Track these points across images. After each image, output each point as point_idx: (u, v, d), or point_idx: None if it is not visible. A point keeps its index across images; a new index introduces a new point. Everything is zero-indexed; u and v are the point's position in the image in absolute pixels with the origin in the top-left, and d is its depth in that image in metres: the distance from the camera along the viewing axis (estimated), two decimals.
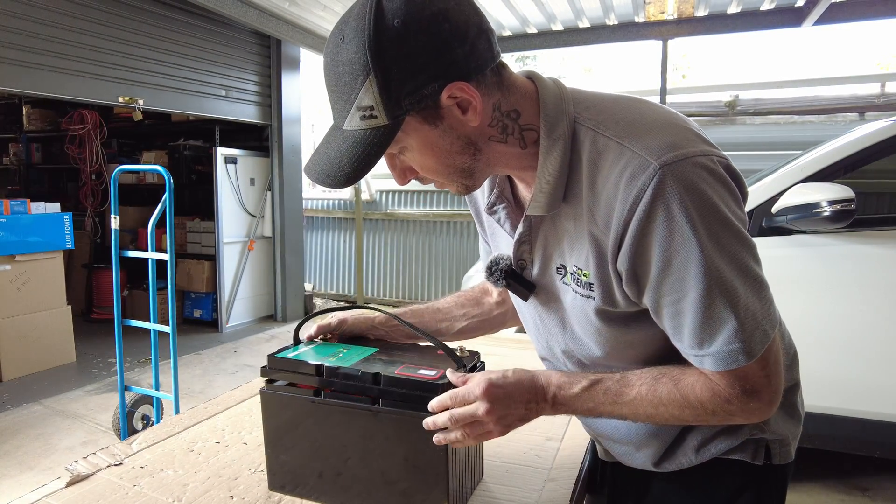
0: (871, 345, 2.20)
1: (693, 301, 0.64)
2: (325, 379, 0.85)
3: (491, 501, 0.90)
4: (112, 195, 2.71)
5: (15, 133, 6.25)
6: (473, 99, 0.65)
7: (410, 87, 0.63)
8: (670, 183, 0.62)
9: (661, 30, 4.80)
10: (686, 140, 0.65)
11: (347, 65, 0.63)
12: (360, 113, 0.65)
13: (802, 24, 4.42)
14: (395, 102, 0.64)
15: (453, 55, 0.63)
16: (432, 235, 6.23)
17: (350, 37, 0.63)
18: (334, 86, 0.66)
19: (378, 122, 0.65)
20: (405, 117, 0.65)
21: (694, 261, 0.62)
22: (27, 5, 3.49)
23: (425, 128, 0.67)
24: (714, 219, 0.63)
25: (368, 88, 0.63)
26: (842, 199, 2.06)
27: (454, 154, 0.69)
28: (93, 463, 0.97)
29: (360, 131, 0.66)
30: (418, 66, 0.63)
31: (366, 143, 0.66)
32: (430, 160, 0.70)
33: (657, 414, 0.71)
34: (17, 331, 3.90)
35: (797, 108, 4.98)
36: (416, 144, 0.68)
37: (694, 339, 0.66)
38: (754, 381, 0.67)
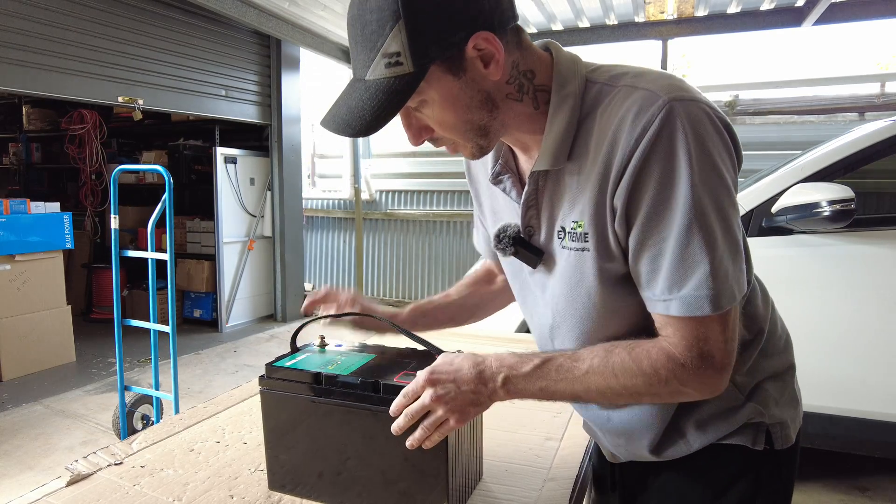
0: (871, 345, 2.20)
1: (674, 239, 0.65)
2: (323, 388, 0.85)
3: (491, 501, 0.90)
4: (112, 195, 2.71)
5: (15, 133, 6.24)
6: (497, 51, 0.67)
7: (439, 35, 0.64)
8: (679, 117, 0.64)
9: (661, 30, 4.81)
10: (693, 90, 0.67)
11: (376, 11, 0.64)
12: (386, 60, 0.65)
13: (802, 24, 4.42)
14: (422, 49, 0.64)
15: (480, 5, 0.65)
16: (432, 235, 6.23)
17: None
18: (360, 35, 0.67)
19: (403, 69, 0.65)
20: (430, 66, 0.66)
21: (683, 197, 0.64)
22: (27, 5, 3.49)
23: (448, 78, 0.67)
24: (709, 164, 0.65)
25: (397, 34, 0.64)
26: (842, 199, 2.06)
27: (473, 109, 0.70)
28: (93, 462, 0.97)
29: (384, 80, 0.66)
30: (448, 14, 0.64)
31: (389, 91, 0.66)
32: (449, 114, 0.70)
33: (609, 387, 0.71)
34: (17, 331, 3.90)
35: (797, 108, 4.98)
36: (438, 97, 0.69)
37: (667, 280, 0.67)
38: (713, 343, 0.67)
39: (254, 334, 5.17)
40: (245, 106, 5.26)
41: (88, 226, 5.82)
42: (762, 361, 0.82)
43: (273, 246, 5.71)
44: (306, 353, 0.95)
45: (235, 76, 5.10)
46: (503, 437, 1.09)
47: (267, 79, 5.46)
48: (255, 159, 5.51)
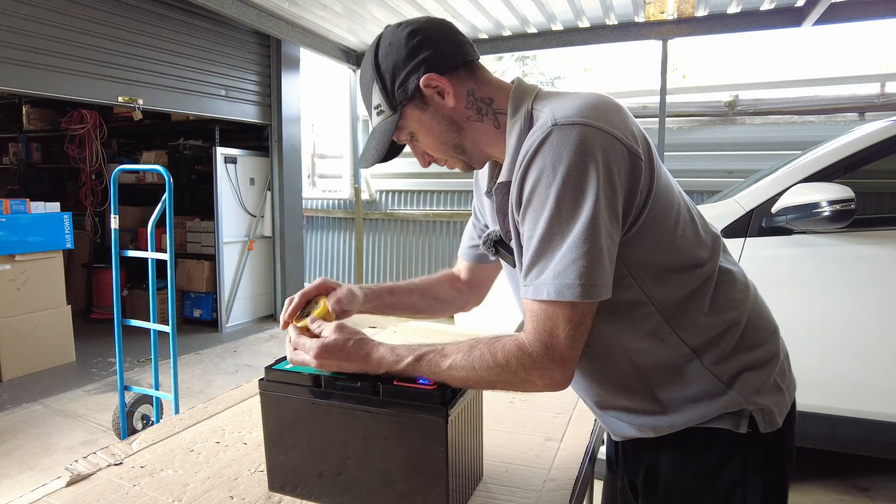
0: (870, 345, 2.20)
1: (536, 238, 0.77)
2: (323, 391, 0.85)
3: (491, 501, 0.90)
4: (112, 195, 2.71)
5: (15, 133, 6.24)
6: (444, 85, 0.87)
7: (399, 84, 0.88)
8: (553, 139, 0.76)
9: (661, 30, 4.80)
10: (595, 116, 0.77)
11: (365, 78, 0.93)
12: (375, 111, 0.92)
13: (802, 24, 4.42)
14: (391, 96, 0.89)
15: (423, 56, 0.87)
16: (432, 235, 6.23)
17: (365, 62, 0.93)
18: (364, 97, 0.94)
19: (386, 114, 0.91)
20: (402, 107, 0.89)
21: (546, 205, 0.76)
22: (27, 5, 3.49)
23: (418, 112, 0.89)
24: (573, 179, 0.74)
25: (376, 91, 0.90)
26: (842, 199, 2.06)
27: (444, 132, 0.91)
28: (93, 462, 0.97)
29: (379, 125, 0.92)
30: (400, 68, 0.88)
31: (382, 132, 0.92)
32: (430, 139, 0.92)
33: (469, 378, 0.81)
34: (17, 331, 3.90)
35: (797, 108, 4.98)
36: (417, 127, 0.91)
37: (526, 271, 0.79)
38: (558, 335, 0.76)
39: (254, 334, 5.17)
40: (245, 106, 5.26)
41: (88, 226, 5.82)
42: (742, 352, 0.87)
43: (273, 246, 5.71)
44: None
45: (235, 76, 5.10)
46: (503, 438, 1.09)
47: (267, 79, 5.45)
48: (255, 159, 5.51)
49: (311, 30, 5.23)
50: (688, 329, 0.85)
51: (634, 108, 5.42)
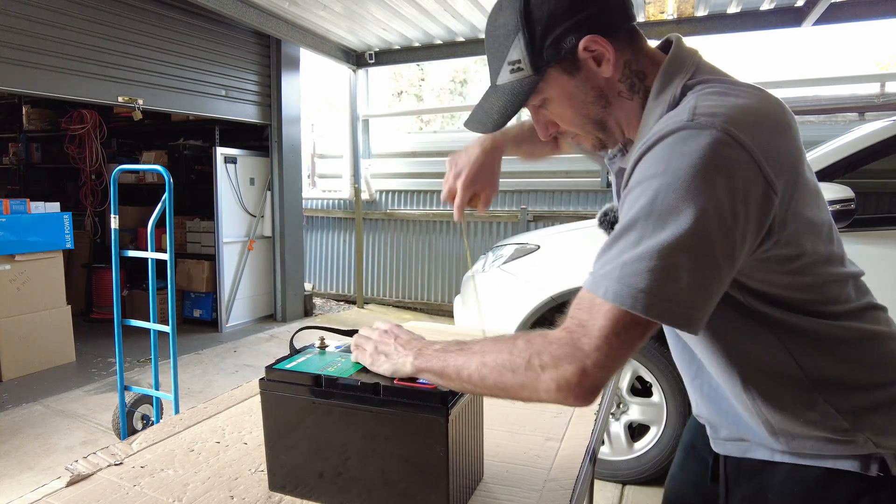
0: None
1: (620, 227, 0.67)
2: (324, 390, 0.85)
3: (491, 501, 0.90)
4: (112, 195, 2.71)
5: (15, 133, 6.24)
6: (607, 51, 0.74)
7: (552, 40, 0.74)
8: (682, 135, 0.65)
9: (661, 30, 4.80)
10: (743, 125, 0.65)
11: (503, 27, 0.77)
12: (510, 67, 0.78)
13: (802, 24, 4.43)
14: (538, 54, 0.75)
15: (589, 12, 0.74)
16: (432, 235, 6.23)
17: (506, 5, 0.77)
18: (492, 48, 0.80)
19: (524, 73, 0.77)
20: (547, 69, 0.76)
21: (644, 197, 0.65)
22: (27, 5, 3.49)
23: (564, 78, 0.77)
24: (686, 181, 0.63)
25: (517, 44, 0.76)
26: (842, 199, 2.06)
27: (588, 104, 0.79)
28: (93, 463, 0.97)
29: (509, 84, 0.79)
30: (558, 22, 0.74)
31: (513, 93, 0.78)
32: (567, 110, 0.80)
33: (484, 363, 0.72)
34: (17, 331, 3.90)
35: (797, 108, 4.98)
36: (556, 94, 0.79)
37: (597, 257, 0.69)
38: (588, 333, 0.65)
39: (254, 334, 5.17)
40: (245, 106, 5.26)
41: (88, 226, 5.82)
42: (869, 391, 0.77)
43: (273, 246, 5.71)
44: (306, 355, 0.95)
45: (235, 76, 5.10)
46: (504, 438, 1.09)
47: (267, 79, 5.45)
48: (255, 159, 5.51)
49: (311, 30, 5.23)
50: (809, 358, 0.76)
51: None
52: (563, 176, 5.66)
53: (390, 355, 0.83)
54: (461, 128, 17.30)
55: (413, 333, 0.87)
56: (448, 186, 1.02)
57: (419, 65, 17.68)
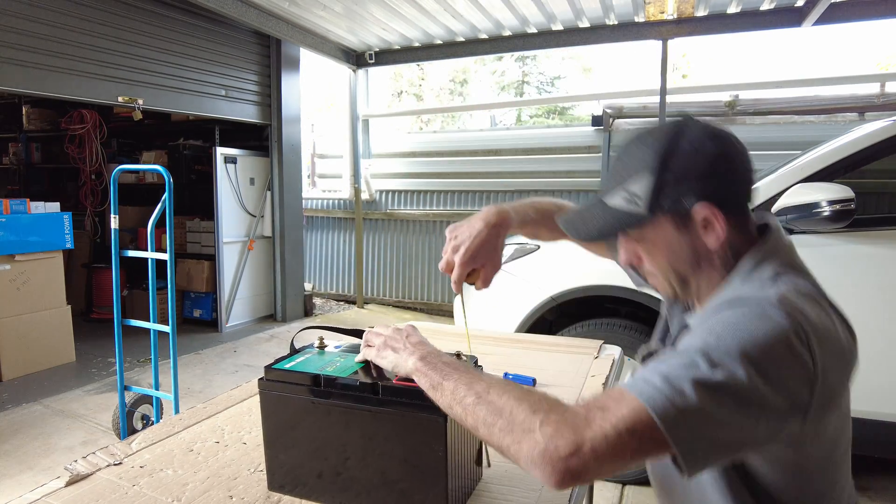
0: (870, 345, 2.20)
1: (669, 355, 0.69)
2: (322, 389, 0.85)
3: (490, 501, 0.90)
4: (112, 195, 2.71)
5: (15, 133, 6.24)
6: (719, 225, 0.78)
7: (676, 193, 0.78)
8: (766, 306, 0.69)
9: (661, 30, 4.81)
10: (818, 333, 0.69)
11: (637, 157, 0.81)
12: (626, 196, 0.81)
13: (802, 24, 4.42)
14: (657, 199, 0.79)
15: (719, 184, 0.78)
16: (432, 235, 6.23)
17: (651, 141, 0.80)
18: (617, 166, 0.84)
19: (636, 208, 0.80)
20: (659, 215, 0.80)
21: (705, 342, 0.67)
22: (27, 5, 3.49)
23: (670, 229, 0.81)
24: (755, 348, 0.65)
25: (643, 181, 0.79)
26: (842, 199, 2.06)
27: (681, 260, 0.82)
28: (92, 462, 0.97)
29: (618, 210, 0.82)
30: (689, 181, 0.78)
31: (617, 219, 0.82)
32: (661, 257, 0.83)
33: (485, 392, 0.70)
34: (17, 331, 3.90)
35: (797, 108, 4.98)
36: (657, 240, 0.82)
37: (646, 365, 0.70)
38: (605, 421, 0.62)
39: (254, 334, 5.17)
40: (245, 106, 5.26)
41: (88, 226, 5.82)
42: None
43: (273, 246, 5.71)
44: (306, 355, 0.95)
45: (235, 76, 5.10)
46: None
47: (267, 79, 5.46)
48: (255, 159, 5.51)
49: (311, 30, 5.23)
50: None
51: (634, 109, 5.42)
52: (563, 176, 5.66)
53: (397, 350, 0.83)
54: (461, 128, 17.28)
55: (422, 337, 0.86)
56: (446, 259, 0.97)
57: (419, 65, 17.68)
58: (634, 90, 5.58)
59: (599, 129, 5.46)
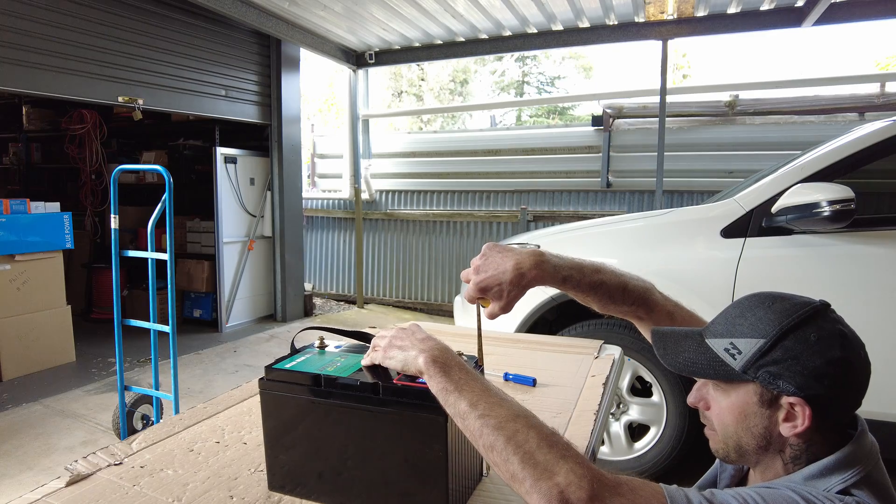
0: (870, 345, 2.18)
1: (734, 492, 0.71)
2: (323, 390, 0.85)
3: (490, 501, 0.90)
4: (112, 195, 2.71)
5: (15, 133, 6.24)
6: (802, 424, 0.74)
7: (776, 371, 0.74)
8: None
9: (661, 30, 4.81)
10: None
11: (757, 317, 0.78)
12: (727, 346, 0.79)
13: (802, 24, 4.43)
14: (756, 368, 0.75)
15: (821, 388, 0.73)
16: (432, 235, 6.23)
17: (780, 309, 0.78)
18: (732, 315, 0.81)
19: (732, 363, 0.77)
20: (751, 383, 0.77)
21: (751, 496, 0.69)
22: (27, 5, 3.49)
23: (754, 399, 0.77)
24: None
25: (753, 343, 0.76)
26: (842, 199, 2.06)
27: (749, 432, 0.79)
28: (93, 462, 0.97)
29: (713, 355, 0.79)
30: (795, 369, 0.74)
31: (708, 364, 0.79)
32: (730, 418, 0.80)
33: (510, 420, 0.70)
34: (17, 330, 3.90)
35: (797, 108, 4.98)
36: (735, 400, 0.79)
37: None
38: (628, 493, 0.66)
39: (254, 334, 5.17)
40: (245, 106, 5.26)
41: (88, 226, 5.82)
42: None
43: (273, 246, 5.71)
44: (306, 355, 0.95)
45: (235, 76, 5.10)
46: None
47: (267, 79, 5.46)
48: (255, 159, 5.51)
49: (311, 30, 5.23)
50: None
51: (634, 109, 5.42)
52: (563, 176, 5.66)
53: (404, 348, 0.82)
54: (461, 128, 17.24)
55: (427, 333, 0.86)
56: (468, 272, 0.95)
57: (419, 65, 17.67)
58: (634, 90, 5.58)
59: (599, 129, 5.46)
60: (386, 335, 0.87)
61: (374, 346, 0.88)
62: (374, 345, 0.88)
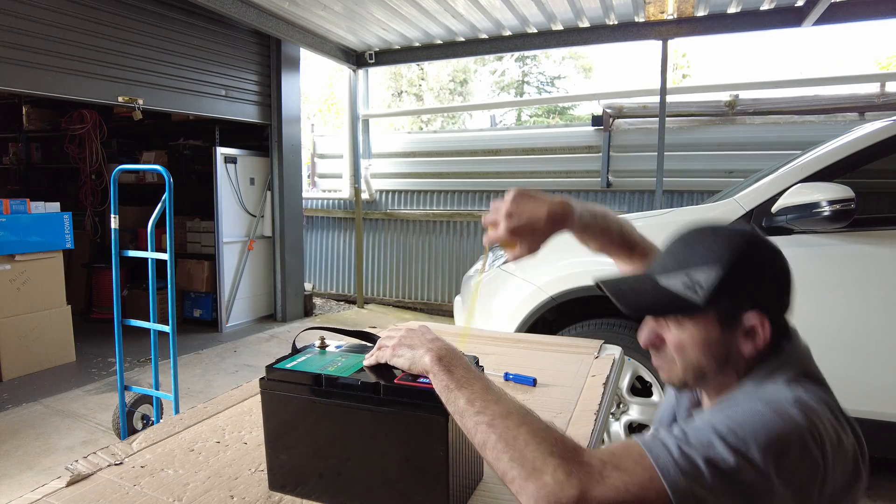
0: (870, 345, 2.20)
1: (699, 423, 0.69)
2: (324, 389, 0.85)
3: (491, 501, 0.90)
4: (112, 195, 2.71)
5: (15, 133, 6.24)
6: (762, 336, 0.78)
7: (737, 296, 0.78)
8: (783, 404, 0.70)
9: (661, 30, 4.81)
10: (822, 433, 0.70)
11: (707, 247, 0.80)
12: (686, 282, 0.80)
13: (802, 24, 4.43)
14: (716, 295, 0.77)
15: (774, 300, 0.80)
16: (432, 235, 6.23)
17: (725, 233, 0.80)
18: (680, 248, 0.83)
19: (692, 296, 0.79)
20: (711, 310, 0.78)
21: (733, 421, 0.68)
22: (27, 5, 3.49)
23: (714, 326, 0.79)
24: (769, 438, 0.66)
25: (709, 273, 0.78)
26: (842, 199, 2.06)
27: (709, 355, 0.81)
28: (93, 462, 0.97)
29: (673, 293, 0.80)
30: (754, 289, 0.78)
31: (669, 301, 0.80)
32: (692, 348, 0.81)
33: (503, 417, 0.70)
34: (17, 330, 3.90)
35: (797, 108, 4.98)
36: (695, 330, 0.80)
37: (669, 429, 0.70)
38: (617, 479, 0.64)
39: (254, 334, 5.17)
40: (245, 106, 5.26)
41: (88, 226, 5.82)
42: None
43: (273, 246, 5.71)
44: (307, 355, 0.95)
45: (235, 76, 5.10)
46: None
47: (267, 79, 5.46)
48: (255, 159, 5.51)
49: (311, 30, 5.23)
50: None
51: (634, 108, 5.42)
52: (563, 176, 5.66)
53: (414, 347, 0.82)
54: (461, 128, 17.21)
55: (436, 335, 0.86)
56: (494, 217, 0.97)
57: (419, 65, 17.68)
58: (634, 90, 5.58)
59: (599, 128, 5.46)
60: (394, 335, 0.87)
61: (381, 345, 0.88)
62: (381, 344, 0.88)
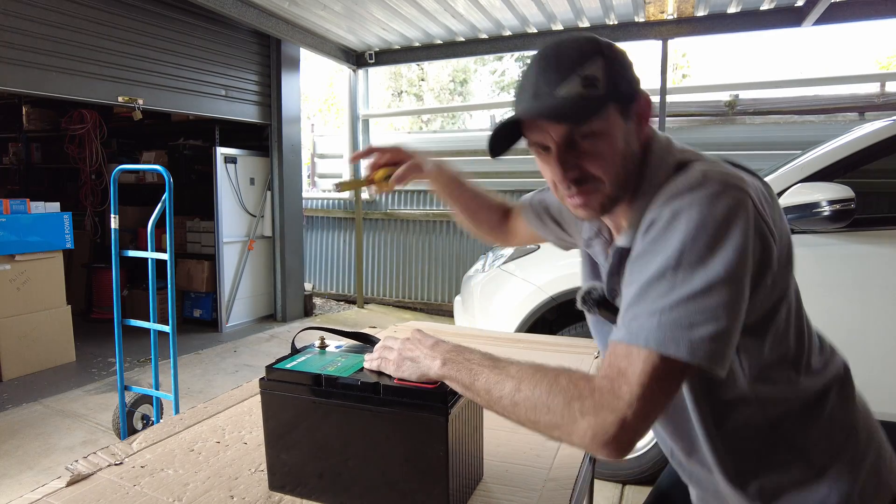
0: (870, 345, 2.20)
1: (645, 280, 0.68)
2: (324, 389, 0.85)
3: (491, 501, 0.90)
4: (112, 195, 2.71)
5: (15, 133, 6.24)
6: (650, 114, 0.79)
7: (626, 78, 0.76)
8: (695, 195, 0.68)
9: (661, 30, 4.81)
10: (745, 183, 0.71)
11: (576, 49, 0.75)
12: (583, 80, 0.73)
13: (802, 24, 4.43)
14: (614, 81, 0.74)
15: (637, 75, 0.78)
16: (432, 235, 6.23)
17: (581, 38, 0.77)
18: (552, 63, 0.75)
19: (596, 91, 0.73)
20: (613, 102, 0.74)
21: (670, 248, 0.67)
22: (27, 5, 3.49)
23: (619, 119, 0.75)
24: (712, 230, 0.66)
25: (597, 64, 0.73)
26: (842, 199, 2.06)
27: (627, 157, 0.77)
28: (93, 462, 0.97)
29: (577, 96, 0.73)
30: (626, 70, 0.76)
31: (577, 107, 0.73)
32: (610, 151, 0.76)
33: (519, 389, 0.71)
34: (17, 330, 3.90)
35: (797, 108, 4.98)
36: (609, 131, 0.75)
37: (625, 310, 0.70)
38: (628, 381, 0.65)
39: (254, 334, 5.17)
40: (245, 106, 5.26)
41: (88, 226, 5.82)
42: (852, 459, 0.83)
43: (273, 246, 5.71)
44: (307, 355, 0.95)
45: (235, 76, 5.10)
46: (503, 438, 1.09)
47: (267, 79, 5.46)
48: (255, 159, 5.51)
49: (311, 30, 5.23)
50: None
51: None
52: None
53: (417, 359, 0.81)
54: (461, 127, 17.19)
55: (434, 337, 0.85)
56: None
57: (419, 65, 17.67)
58: None
59: None
60: (393, 347, 0.85)
61: (383, 357, 0.86)
62: (383, 357, 0.86)
